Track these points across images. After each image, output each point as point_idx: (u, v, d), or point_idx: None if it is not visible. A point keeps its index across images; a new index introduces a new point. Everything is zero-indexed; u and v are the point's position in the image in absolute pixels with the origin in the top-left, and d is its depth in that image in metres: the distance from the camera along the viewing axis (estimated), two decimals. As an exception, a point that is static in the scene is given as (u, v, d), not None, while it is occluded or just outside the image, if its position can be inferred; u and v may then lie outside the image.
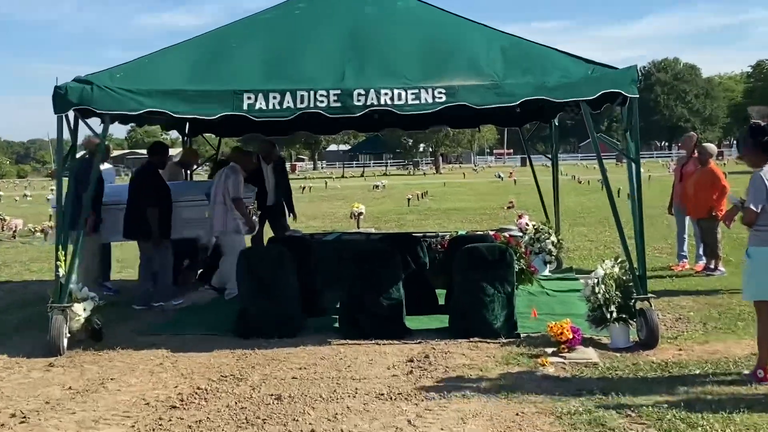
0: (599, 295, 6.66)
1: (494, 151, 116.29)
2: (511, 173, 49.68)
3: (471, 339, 6.94)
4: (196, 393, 5.66)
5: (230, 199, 9.08)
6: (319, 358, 6.54)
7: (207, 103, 6.76)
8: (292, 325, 7.35)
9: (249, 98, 6.74)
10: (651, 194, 8.52)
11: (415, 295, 7.94)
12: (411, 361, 6.36)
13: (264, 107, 6.74)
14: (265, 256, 7.46)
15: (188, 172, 11.05)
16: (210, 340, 7.25)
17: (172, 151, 11.14)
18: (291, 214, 11.57)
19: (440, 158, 74.44)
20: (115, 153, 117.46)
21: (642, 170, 27.32)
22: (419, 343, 6.94)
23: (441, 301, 8.36)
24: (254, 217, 9.74)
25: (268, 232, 10.86)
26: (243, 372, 6.16)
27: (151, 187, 8.96)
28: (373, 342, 6.98)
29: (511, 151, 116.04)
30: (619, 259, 6.88)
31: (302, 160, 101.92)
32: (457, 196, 30.83)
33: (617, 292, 6.67)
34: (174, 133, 11.93)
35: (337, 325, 7.57)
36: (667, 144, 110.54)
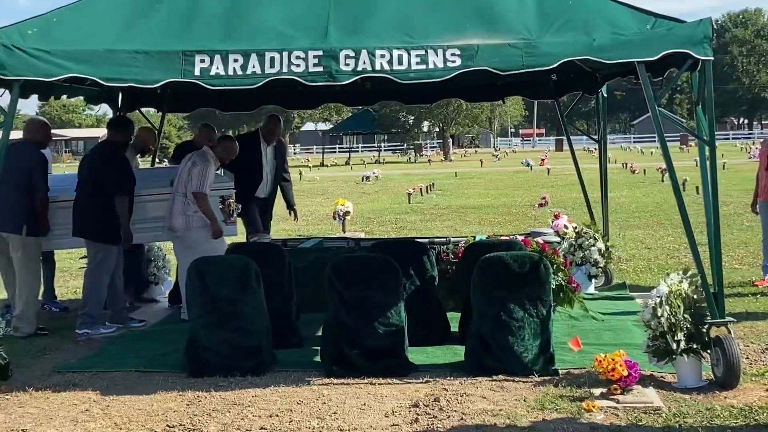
0: (663, 320, 6.67)
1: (521, 132, 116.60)
2: (542, 160, 49.75)
3: (494, 377, 6.95)
4: (135, 449, 5.67)
5: (191, 193, 9.09)
6: (295, 402, 6.53)
7: (147, 68, 6.75)
8: (260, 360, 7.33)
9: (202, 61, 6.73)
10: (726, 187, 8.56)
11: (420, 321, 8.02)
12: (416, 406, 6.35)
13: (222, 72, 6.73)
14: (225, 271, 7.46)
15: (146, 158, 11.10)
16: (152, 380, 7.22)
17: (98, 132, 11.12)
18: (291, 213, 11.58)
19: (450, 141, 74.54)
20: (21, 134, 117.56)
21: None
22: (426, 382, 6.94)
23: (454, 328, 8.40)
24: (233, 215, 9.78)
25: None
26: (196, 421, 6.14)
27: (117, 170, 9.01)
28: (366, 381, 6.96)
29: (543, 131, 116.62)
30: (690, 273, 6.89)
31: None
32: (473, 190, 30.93)
33: (686, 316, 6.69)
34: (101, 108, 11.93)
35: (318, 359, 7.56)
36: (746, 121, 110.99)
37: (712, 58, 6.86)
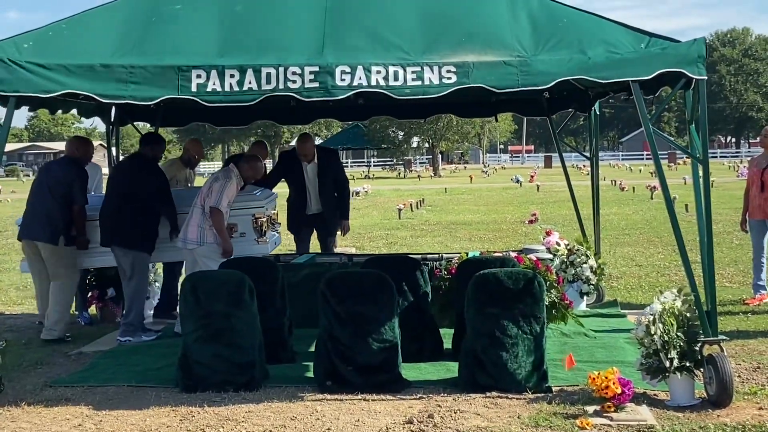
0: (656, 337, 6.67)
1: (509, 148, 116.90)
2: (531, 176, 49.90)
3: (488, 394, 6.94)
4: (128, 464, 5.64)
5: (208, 207, 9.11)
6: (288, 418, 6.52)
7: (143, 84, 6.74)
8: (253, 375, 7.31)
9: (198, 77, 6.73)
10: (715, 205, 8.54)
11: (413, 336, 8.01)
12: (410, 422, 6.35)
13: (219, 89, 6.72)
14: (218, 286, 7.44)
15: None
16: (144, 394, 7.21)
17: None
18: (341, 226, 11.44)
19: (439, 156, 74.64)
20: (10, 147, 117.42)
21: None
22: (420, 398, 6.93)
23: (447, 344, 8.39)
24: (270, 232, 9.77)
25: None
26: (189, 437, 6.13)
27: (162, 180, 9.36)
28: (359, 397, 6.96)
29: (532, 148, 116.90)
30: (683, 291, 6.90)
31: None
32: (463, 206, 30.95)
33: (679, 334, 6.69)
34: (93, 122, 11.84)
35: (311, 374, 7.55)
36: (733, 140, 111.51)
37: (705, 77, 6.90)
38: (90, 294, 10.27)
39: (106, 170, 10.96)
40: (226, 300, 7.35)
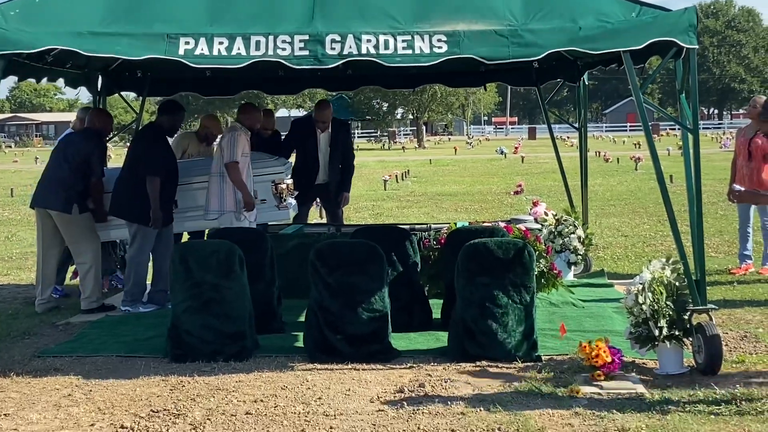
0: (645, 307, 6.68)
1: (494, 120, 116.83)
2: (516, 148, 49.90)
3: (478, 363, 6.97)
4: (119, 434, 5.60)
5: (223, 165, 9.04)
6: (279, 387, 6.52)
7: (130, 46, 6.69)
8: (243, 345, 7.31)
9: (187, 43, 6.68)
10: (703, 174, 8.53)
11: (403, 306, 8.02)
12: (401, 391, 6.36)
13: (207, 53, 6.68)
14: (208, 256, 7.40)
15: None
16: (134, 365, 7.20)
17: (70, 116, 11.00)
18: (341, 196, 11.31)
19: (424, 128, 74.51)
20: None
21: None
22: (411, 368, 6.95)
23: (436, 314, 8.41)
24: (289, 199, 9.69)
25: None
26: (180, 406, 6.11)
27: (155, 150, 9.15)
28: (350, 367, 6.97)
29: (516, 119, 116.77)
30: (672, 260, 6.91)
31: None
32: (448, 177, 30.94)
33: (668, 303, 6.71)
34: (80, 92, 11.73)
35: (301, 344, 7.56)
36: (716, 112, 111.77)
37: (697, 47, 6.87)
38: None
39: None
40: (217, 270, 7.32)
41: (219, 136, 9.29)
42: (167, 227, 9.40)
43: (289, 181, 9.98)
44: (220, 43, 6.72)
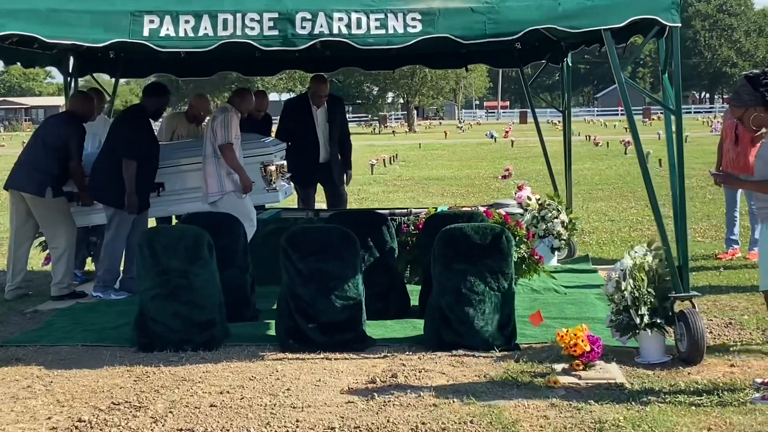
0: (626, 294, 6.51)
1: (485, 104, 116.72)
2: (506, 132, 49.77)
3: (454, 352, 6.79)
4: (77, 428, 5.41)
5: (217, 147, 8.81)
6: (247, 378, 6.33)
7: (92, 27, 6.45)
8: (212, 334, 7.11)
9: (151, 22, 6.44)
10: (688, 160, 8.38)
11: (379, 293, 7.83)
12: (373, 382, 6.18)
13: (172, 34, 6.45)
14: (176, 242, 7.19)
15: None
16: (98, 354, 7.00)
17: (59, 100, 10.74)
18: (344, 176, 11.17)
19: (414, 112, 74.35)
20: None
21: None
22: (384, 357, 6.77)
23: (414, 301, 8.23)
24: (280, 181, 9.52)
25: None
26: (143, 398, 5.92)
27: (133, 133, 8.89)
28: (322, 356, 6.79)
29: (507, 103, 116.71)
30: (654, 246, 6.73)
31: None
32: (437, 162, 30.80)
33: (650, 290, 6.55)
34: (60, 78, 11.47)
35: (272, 333, 7.35)
36: (707, 95, 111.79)
37: (679, 25, 6.67)
38: (48, 251, 9.94)
39: None
40: (184, 256, 7.12)
41: (212, 117, 9.00)
42: (143, 213, 9.17)
43: (280, 163, 9.72)
44: (186, 21, 6.49)
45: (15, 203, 9.19)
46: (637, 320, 6.47)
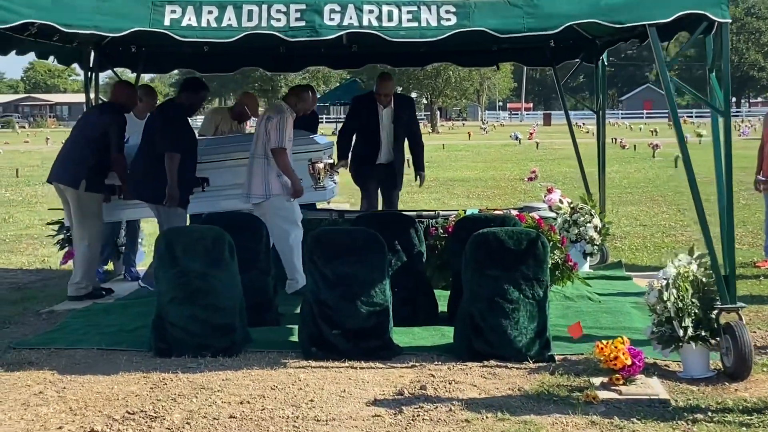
0: (669, 304, 6.17)
1: (508, 105, 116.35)
2: (531, 133, 49.40)
3: (486, 362, 6.48)
4: (89, 439, 5.15)
5: (269, 150, 8.52)
6: (269, 387, 6.03)
7: (111, 16, 6.18)
8: (232, 339, 6.82)
9: (173, 11, 6.15)
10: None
11: (406, 299, 7.55)
12: (401, 394, 5.87)
13: (194, 24, 6.17)
14: (195, 242, 6.91)
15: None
16: (113, 359, 6.72)
17: (83, 97, 10.43)
18: (417, 178, 10.85)
19: (438, 113, 74.03)
20: (6, 98, 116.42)
21: (702, 132, 27.12)
22: (413, 367, 6.46)
23: (442, 307, 7.94)
24: (328, 180, 9.25)
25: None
26: (159, 407, 5.63)
27: (173, 127, 8.60)
28: (347, 365, 6.49)
29: (530, 105, 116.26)
30: (698, 253, 6.38)
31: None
32: (461, 163, 30.51)
33: (694, 300, 6.21)
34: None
35: (296, 339, 7.04)
36: (734, 99, 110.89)
37: (729, 21, 6.32)
38: (67, 249, 9.68)
39: None
40: (204, 258, 6.82)
41: (265, 116, 8.63)
42: (183, 208, 8.81)
43: (329, 161, 9.47)
44: (209, 12, 6.21)
45: (61, 197, 8.95)
46: (681, 332, 6.14)
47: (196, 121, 23.35)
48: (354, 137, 10.42)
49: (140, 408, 5.61)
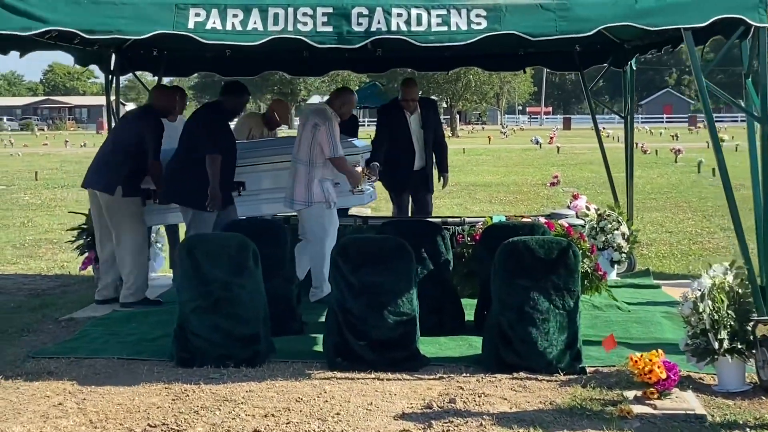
0: (704, 316, 6.01)
1: (528, 109, 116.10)
2: (551, 138, 49.19)
3: (515, 375, 6.33)
4: (110, 453, 5.04)
5: (327, 159, 8.45)
6: (293, 399, 5.90)
7: (134, 19, 6.07)
8: (256, 350, 6.69)
9: (197, 15, 6.04)
10: (738, 168, 7.86)
11: (433, 308, 7.42)
12: (429, 407, 5.72)
13: (219, 27, 6.05)
14: (219, 250, 6.79)
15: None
16: (134, 369, 6.60)
17: (102, 100, 10.32)
18: (441, 179, 10.74)
19: (457, 117, 73.86)
20: (25, 100, 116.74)
21: (725, 137, 26.75)
22: (440, 378, 6.32)
23: (469, 316, 7.80)
24: (365, 185, 9.19)
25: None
26: (181, 420, 5.51)
27: (214, 129, 8.48)
28: (373, 376, 6.35)
29: (550, 109, 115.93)
30: (736, 264, 6.21)
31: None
32: (482, 167, 30.36)
33: (730, 312, 6.05)
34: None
35: (320, 349, 6.93)
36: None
37: (767, 25, 6.15)
38: (86, 254, 9.58)
39: None
40: (228, 266, 6.70)
41: (311, 122, 8.49)
42: (227, 211, 8.65)
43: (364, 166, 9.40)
44: (234, 15, 6.09)
45: (92, 202, 8.83)
46: (716, 345, 5.97)
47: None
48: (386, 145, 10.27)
49: (162, 421, 5.49)
